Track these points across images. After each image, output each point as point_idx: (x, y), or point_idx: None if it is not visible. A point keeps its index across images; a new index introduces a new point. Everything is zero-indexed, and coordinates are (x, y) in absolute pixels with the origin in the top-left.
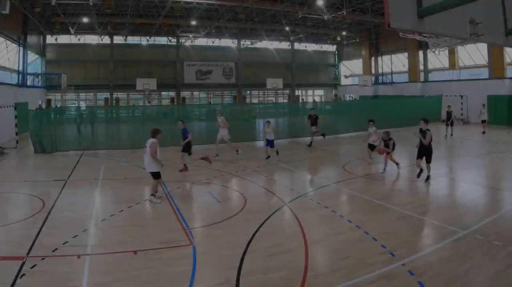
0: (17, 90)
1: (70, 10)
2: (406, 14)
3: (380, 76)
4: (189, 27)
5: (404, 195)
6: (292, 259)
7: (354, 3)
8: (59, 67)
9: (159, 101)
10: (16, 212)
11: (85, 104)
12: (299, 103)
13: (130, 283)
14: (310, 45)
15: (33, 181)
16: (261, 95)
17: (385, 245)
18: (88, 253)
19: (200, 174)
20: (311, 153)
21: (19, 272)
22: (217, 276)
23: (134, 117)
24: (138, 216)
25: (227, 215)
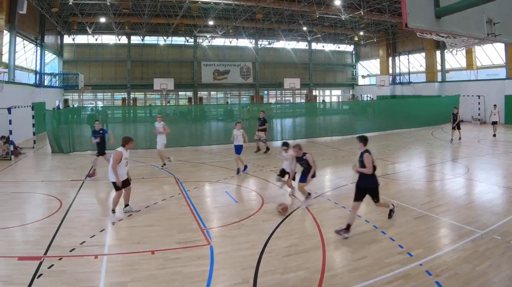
0: (35, 90)
1: (87, 10)
2: (423, 14)
3: (398, 76)
4: (207, 27)
5: (421, 195)
6: (310, 259)
7: (372, 3)
8: (76, 67)
9: (177, 101)
10: (34, 212)
11: (102, 104)
12: (317, 103)
13: (147, 283)
14: (327, 45)
15: (50, 181)
16: (278, 95)
17: (402, 245)
18: (106, 253)
19: (217, 174)
20: (328, 153)
21: (36, 272)
22: (234, 276)
23: (151, 117)
24: (155, 216)
25: (244, 215)
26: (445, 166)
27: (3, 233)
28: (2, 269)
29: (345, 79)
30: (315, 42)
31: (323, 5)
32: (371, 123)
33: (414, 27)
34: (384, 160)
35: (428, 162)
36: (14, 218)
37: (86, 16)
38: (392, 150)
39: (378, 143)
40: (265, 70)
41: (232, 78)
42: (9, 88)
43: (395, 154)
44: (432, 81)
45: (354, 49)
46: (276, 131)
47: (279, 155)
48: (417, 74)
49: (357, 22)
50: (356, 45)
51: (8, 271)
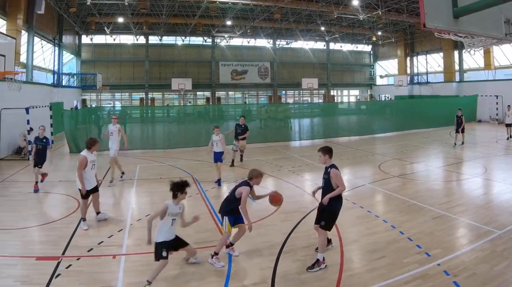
0: (52, 90)
1: (105, 10)
2: (441, 14)
3: (415, 76)
4: (224, 27)
5: (439, 195)
6: (328, 259)
7: (390, 3)
8: (94, 67)
9: (195, 101)
10: (52, 212)
11: (120, 104)
12: (334, 103)
13: (166, 283)
14: (345, 45)
15: (68, 181)
16: (296, 95)
17: (420, 245)
18: (123, 253)
19: (235, 173)
20: (346, 153)
21: (54, 272)
22: (252, 276)
23: (169, 117)
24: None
25: (262, 215)
26: (462, 166)
27: (21, 233)
28: (20, 269)
29: (363, 79)
30: (333, 42)
31: (341, 5)
32: (389, 124)
33: (432, 27)
34: (402, 159)
35: (446, 162)
36: (32, 218)
37: (104, 16)
38: (410, 149)
39: (396, 143)
40: (283, 70)
41: (250, 78)
42: (27, 88)
43: (413, 154)
44: (450, 81)
45: (372, 49)
46: (294, 132)
47: (299, 155)
48: (435, 74)
49: (375, 22)
50: (374, 45)
51: (26, 271)
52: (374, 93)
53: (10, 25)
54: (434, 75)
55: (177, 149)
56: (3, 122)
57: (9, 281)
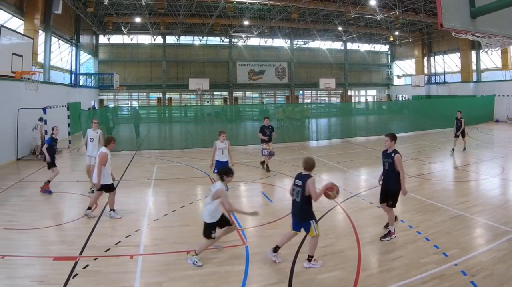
0: (70, 90)
1: (122, 10)
2: (458, 14)
3: (433, 76)
4: (242, 27)
5: (456, 194)
6: (345, 259)
7: (407, 3)
8: (111, 67)
9: (212, 101)
10: (69, 212)
11: (137, 104)
12: (352, 103)
13: (183, 283)
14: (362, 45)
15: (85, 181)
16: (314, 95)
17: (437, 245)
18: (141, 253)
19: (253, 174)
20: (364, 153)
21: (71, 272)
22: (269, 276)
23: (186, 117)
24: (190, 216)
25: (280, 215)
26: (480, 166)
27: (39, 233)
28: (38, 269)
29: (380, 79)
30: (350, 42)
31: (359, 5)
32: (406, 123)
33: (449, 27)
34: (419, 159)
35: (463, 162)
36: (49, 218)
37: (121, 16)
38: (427, 149)
39: (413, 143)
40: (300, 70)
41: (267, 78)
42: (45, 88)
43: (430, 154)
44: (467, 81)
45: (389, 49)
46: (311, 132)
47: (316, 155)
48: (452, 74)
49: (392, 22)
50: (391, 45)
51: (44, 271)
52: (391, 93)
53: (27, 25)
54: (451, 75)
55: (194, 149)
56: (20, 123)
57: (27, 281)
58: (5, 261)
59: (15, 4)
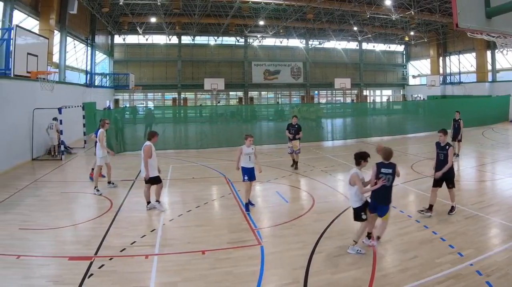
0: (85, 90)
1: (138, 10)
2: (474, 14)
3: (448, 76)
4: (257, 27)
5: (472, 194)
6: (360, 259)
7: (422, 3)
8: (127, 67)
9: (227, 101)
10: (84, 212)
11: (153, 104)
12: (367, 103)
13: (198, 283)
14: (378, 45)
15: (101, 181)
16: (329, 95)
17: (453, 245)
18: (156, 253)
19: (268, 174)
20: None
21: (87, 271)
22: (285, 276)
23: (201, 117)
24: (206, 216)
25: (295, 215)
26: (495, 166)
27: (54, 233)
28: (53, 269)
29: (395, 79)
30: (365, 42)
31: (374, 5)
32: (422, 123)
33: (464, 27)
34: (434, 160)
35: (479, 162)
36: (65, 218)
37: (137, 16)
38: None
39: (428, 143)
40: (316, 70)
41: (282, 78)
42: (60, 88)
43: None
44: (483, 81)
45: (405, 49)
46: (326, 132)
47: (331, 155)
48: (467, 74)
49: (408, 22)
50: (406, 45)
51: (59, 271)
52: (406, 93)
53: (42, 25)
54: (467, 75)
55: (210, 149)
56: (36, 123)
57: (42, 281)
58: (21, 261)
59: (30, 4)
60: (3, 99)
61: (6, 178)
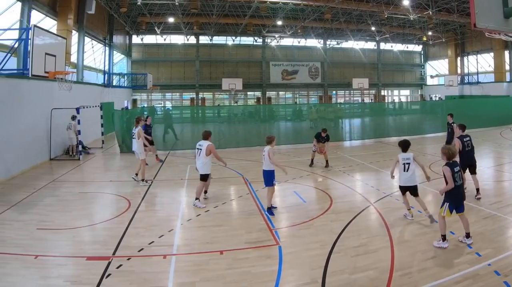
0: (103, 90)
1: (156, 10)
2: (491, 14)
3: (466, 76)
4: (275, 27)
5: (490, 194)
6: (378, 259)
7: (440, 3)
8: (144, 67)
9: (245, 101)
10: (102, 212)
11: (171, 104)
12: (385, 103)
13: (216, 283)
14: (396, 45)
15: (119, 181)
16: (347, 95)
17: (471, 245)
18: (174, 253)
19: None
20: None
21: (105, 271)
22: (303, 276)
23: (219, 117)
24: (224, 216)
25: (313, 215)
26: None
27: (72, 233)
28: (71, 269)
29: (413, 79)
30: (383, 42)
31: (392, 5)
32: (440, 123)
33: (482, 27)
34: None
35: (497, 162)
36: (83, 218)
37: (155, 16)
38: None
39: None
40: (334, 70)
41: (300, 78)
42: (78, 88)
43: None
44: (501, 81)
45: (423, 49)
46: (344, 132)
47: (349, 155)
48: (485, 74)
49: (426, 22)
50: (424, 45)
51: (77, 271)
52: (424, 93)
53: (60, 25)
54: (485, 75)
55: (227, 149)
56: (54, 122)
57: (60, 281)
58: (38, 261)
59: (48, 4)
60: (21, 99)
61: (24, 178)
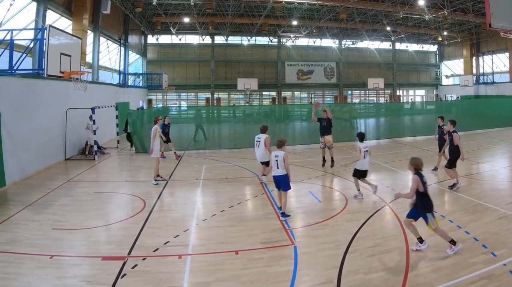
0: (118, 90)
1: (171, 10)
2: (507, 14)
3: (481, 76)
4: (290, 27)
5: (505, 194)
6: (393, 259)
7: (455, 3)
8: (160, 67)
9: (260, 101)
10: (117, 212)
11: (186, 104)
12: (400, 103)
13: (231, 283)
14: (411, 45)
15: (134, 181)
16: (362, 95)
17: (486, 245)
18: (189, 253)
19: (301, 173)
20: (412, 153)
21: (120, 272)
22: (318, 276)
23: (235, 117)
24: (239, 216)
25: (328, 215)
26: None
27: (87, 233)
28: (86, 269)
29: (428, 79)
30: (398, 42)
31: (407, 5)
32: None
33: (498, 27)
34: (468, 159)
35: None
36: (98, 218)
37: (170, 16)
38: (476, 149)
39: (462, 143)
40: (349, 70)
41: (315, 78)
42: (93, 88)
43: (479, 154)
44: None
45: (438, 49)
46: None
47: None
48: (500, 74)
49: (441, 22)
50: (439, 45)
51: (92, 271)
52: (440, 93)
53: (76, 25)
54: (500, 75)
55: (243, 149)
56: (69, 122)
57: (75, 281)
58: (54, 261)
59: (63, 4)
60: (36, 99)
61: (40, 178)
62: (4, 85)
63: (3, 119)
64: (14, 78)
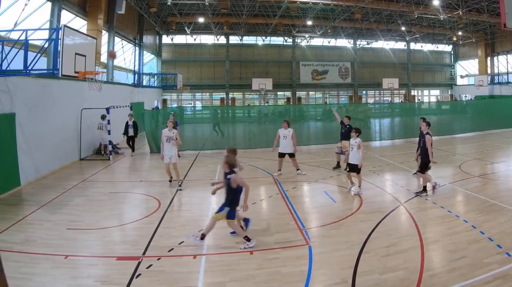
0: (133, 90)
1: (185, 10)
2: None
3: (496, 76)
4: (305, 27)
5: None
6: (408, 259)
7: (470, 3)
8: (174, 67)
9: (275, 101)
10: (132, 212)
11: (201, 104)
12: (415, 103)
13: (246, 283)
14: (426, 45)
15: (148, 181)
16: (377, 95)
17: (501, 245)
18: (204, 253)
19: (316, 174)
20: None
21: (135, 271)
22: (333, 276)
23: (249, 117)
24: (253, 216)
25: (343, 215)
26: None
27: (102, 233)
28: (101, 269)
29: (443, 79)
30: (413, 42)
31: (422, 5)
32: (469, 123)
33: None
34: (482, 160)
35: None
36: (113, 218)
37: (185, 16)
38: (491, 149)
39: (477, 143)
40: (364, 70)
41: (330, 78)
42: (108, 88)
43: (493, 154)
44: None
45: (453, 49)
46: (374, 132)
47: (379, 155)
48: None
49: (456, 22)
50: (454, 45)
51: (107, 271)
52: (454, 93)
53: (90, 25)
54: None
55: (257, 149)
56: (84, 122)
57: (90, 281)
58: (68, 261)
59: (78, 4)
60: (51, 99)
61: (55, 178)
62: (19, 85)
63: (18, 119)
64: (29, 78)
